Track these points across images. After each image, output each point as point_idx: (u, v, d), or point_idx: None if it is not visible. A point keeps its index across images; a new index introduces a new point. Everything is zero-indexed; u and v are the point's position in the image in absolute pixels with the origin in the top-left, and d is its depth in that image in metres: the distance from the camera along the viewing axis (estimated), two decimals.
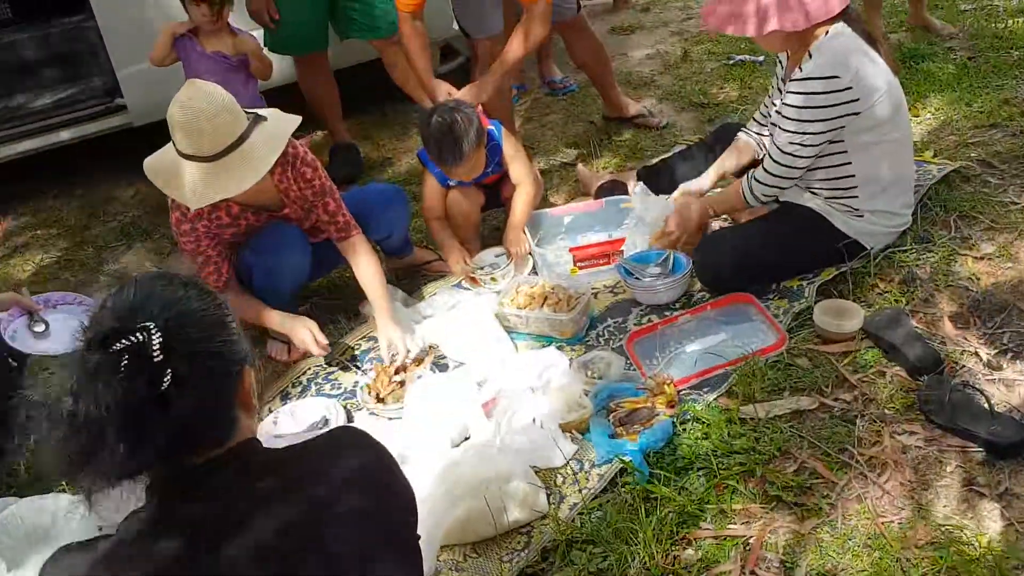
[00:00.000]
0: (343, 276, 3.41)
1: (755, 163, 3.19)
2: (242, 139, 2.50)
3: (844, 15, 2.66)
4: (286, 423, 2.72)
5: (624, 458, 2.28)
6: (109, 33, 3.99)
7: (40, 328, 2.65)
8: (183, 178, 2.51)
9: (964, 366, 2.43)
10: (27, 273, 3.94)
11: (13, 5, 4.96)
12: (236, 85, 3.48)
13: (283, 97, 4.32)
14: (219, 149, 2.45)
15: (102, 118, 4.28)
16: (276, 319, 2.88)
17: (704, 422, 2.35)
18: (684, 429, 2.36)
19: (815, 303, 2.70)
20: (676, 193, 3.15)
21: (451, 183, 3.28)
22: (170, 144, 2.55)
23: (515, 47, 3.40)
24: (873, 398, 2.38)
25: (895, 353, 2.47)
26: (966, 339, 2.51)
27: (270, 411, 2.82)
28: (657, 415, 2.42)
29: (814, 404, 2.40)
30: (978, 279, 2.71)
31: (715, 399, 2.48)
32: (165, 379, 1.17)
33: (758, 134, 3.11)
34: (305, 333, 2.82)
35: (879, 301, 2.70)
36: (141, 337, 1.17)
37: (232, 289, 2.87)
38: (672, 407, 2.46)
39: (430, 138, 3.06)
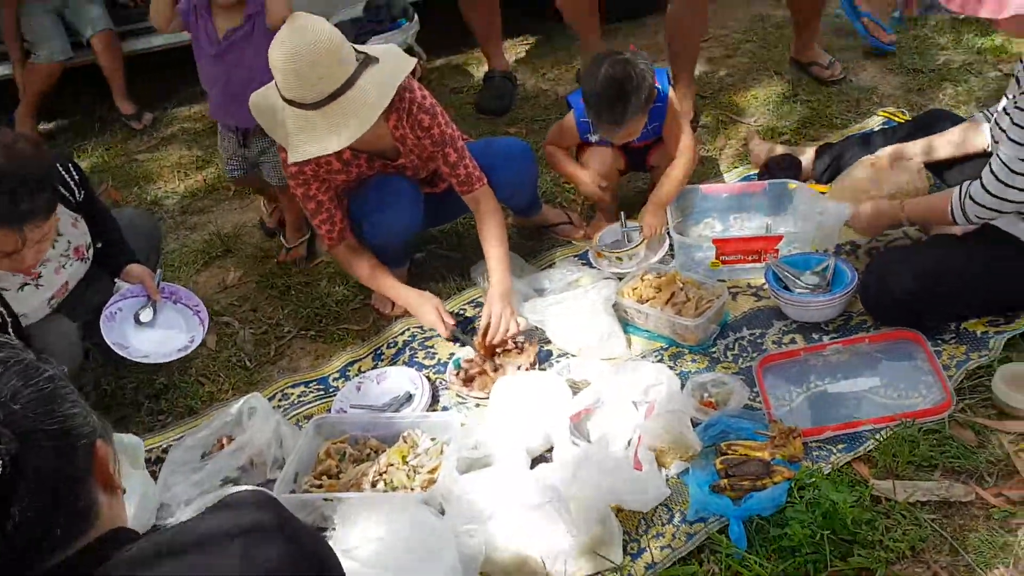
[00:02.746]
0: (467, 225, 3.15)
1: (977, 158, 2.63)
2: (348, 85, 2.23)
3: None
4: (369, 391, 2.53)
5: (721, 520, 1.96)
6: None
7: (147, 317, 2.53)
8: (285, 124, 2.29)
9: None
10: (166, 168, 3.92)
11: None
12: (253, 58, 2.72)
13: (438, 6, 4.05)
14: (320, 96, 2.20)
15: None
16: (399, 293, 2.68)
17: (827, 497, 1.94)
18: (801, 496, 1.98)
19: (999, 361, 2.21)
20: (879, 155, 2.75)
21: (592, 139, 2.90)
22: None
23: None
24: None
25: None
26: None
27: (360, 371, 2.65)
28: (773, 473, 2.04)
29: (969, 496, 1.95)
30: None
31: (848, 462, 2.08)
32: None
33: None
34: (432, 314, 2.61)
35: None
36: None
37: (347, 244, 2.67)
38: (793, 462, 2.08)
39: (593, 91, 2.67)
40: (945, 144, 2.67)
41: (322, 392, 2.61)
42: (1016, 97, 2.15)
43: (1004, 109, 2.25)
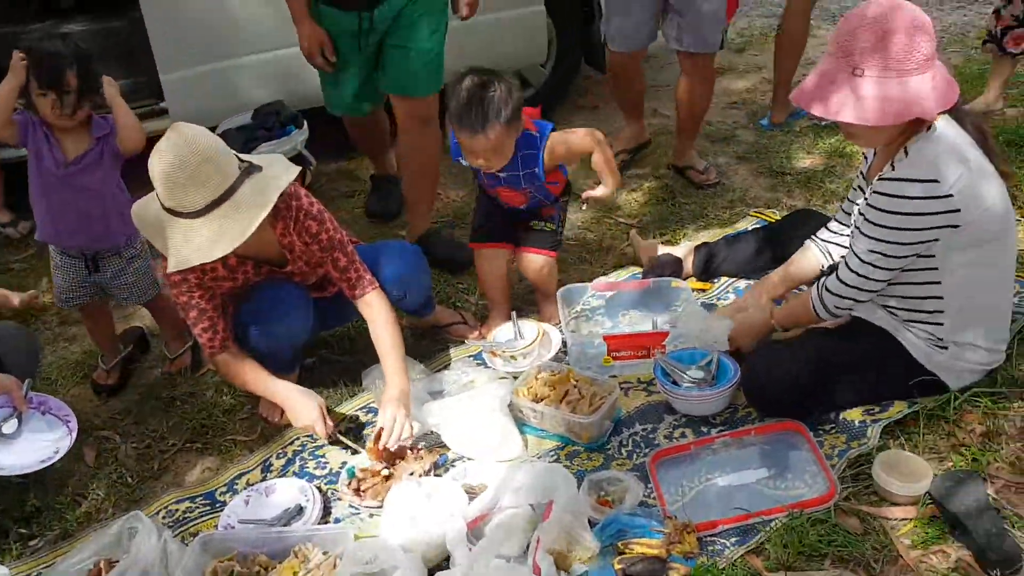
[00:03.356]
0: (360, 328, 3.12)
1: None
2: (229, 193, 2.22)
3: (953, 108, 2.25)
4: (258, 505, 2.43)
5: None
6: (155, 33, 3.77)
7: (10, 430, 2.39)
8: (164, 232, 2.25)
9: None
10: (44, 278, 3.76)
11: None
12: (102, 181, 2.75)
13: (321, 116, 4.09)
14: (201, 205, 2.18)
15: (145, 120, 4.05)
16: (281, 394, 2.58)
17: None
18: None
19: (878, 448, 2.30)
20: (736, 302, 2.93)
21: (463, 161, 2.81)
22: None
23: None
24: None
25: (961, 530, 2.05)
26: None
27: (248, 484, 2.56)
28: (670, 570, 2.05)
29: None
30: None
31: (742, 555, 2.11)
32: None
33: (838, 236, 2.71)
34: (314, 412, 2.52)
35: (955, 457, 2.28)
36: None
37: (229, 351, 2.58)
38: (689, 558, 2.10)
39: (454, 96, 2.62)
40: (781, 276, 2.81)
41: (209, 507, 2.50)
42: (867, 197, 2.32)
43: (859, 210, 2.42)
